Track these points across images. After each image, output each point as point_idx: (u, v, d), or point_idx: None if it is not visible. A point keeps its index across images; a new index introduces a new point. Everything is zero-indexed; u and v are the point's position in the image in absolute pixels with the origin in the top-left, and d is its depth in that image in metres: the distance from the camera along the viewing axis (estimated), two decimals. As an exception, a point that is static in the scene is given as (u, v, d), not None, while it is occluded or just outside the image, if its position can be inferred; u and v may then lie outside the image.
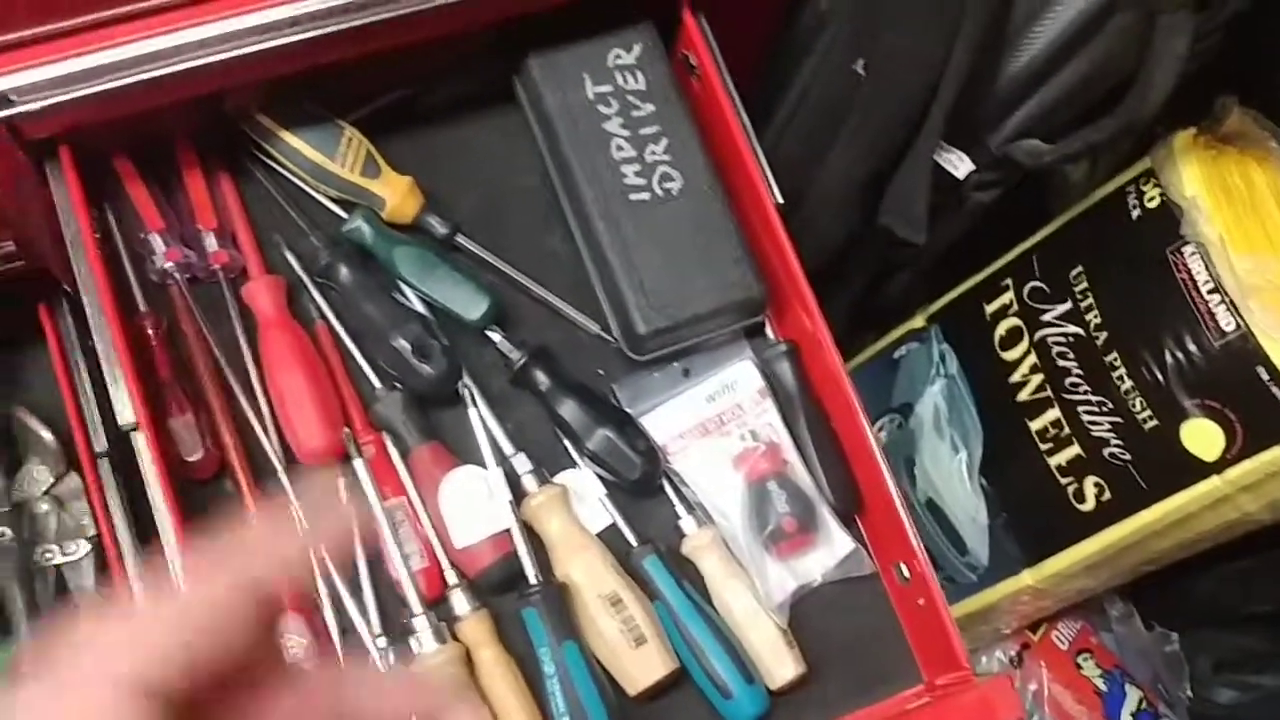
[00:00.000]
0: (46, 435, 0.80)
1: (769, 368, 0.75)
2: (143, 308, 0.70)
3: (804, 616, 0.71)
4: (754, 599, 0.70)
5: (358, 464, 0.68)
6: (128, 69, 0.61)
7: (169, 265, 0.70)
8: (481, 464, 0.70)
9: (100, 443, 0.79)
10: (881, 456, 0.70)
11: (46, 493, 0.79)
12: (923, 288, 1.06)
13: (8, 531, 0.74)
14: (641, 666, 0.67)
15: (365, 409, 0.71)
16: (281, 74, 0.66)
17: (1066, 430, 0.90)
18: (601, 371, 0.74)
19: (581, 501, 0.71)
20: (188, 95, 0.65)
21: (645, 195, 0.71)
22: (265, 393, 0.70)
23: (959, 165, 0.79)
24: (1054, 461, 0.92)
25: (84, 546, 0.77)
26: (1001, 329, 0.96)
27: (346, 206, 0.74)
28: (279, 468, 0.68)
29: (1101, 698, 1.10)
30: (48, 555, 0.77)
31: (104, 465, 0.79)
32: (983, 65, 0.75)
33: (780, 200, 0.73)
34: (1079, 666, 1.11)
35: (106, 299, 0.64)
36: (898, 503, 0.69)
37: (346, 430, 0.69)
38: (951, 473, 0.99)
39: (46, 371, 0.81)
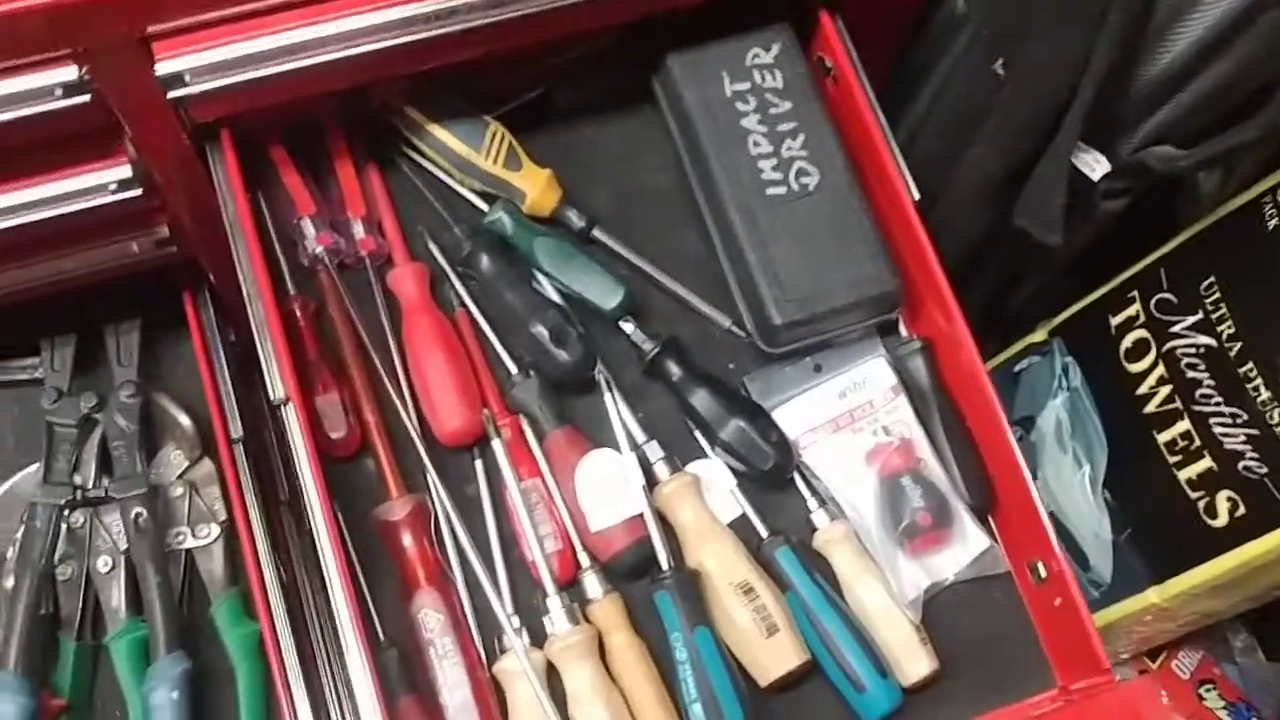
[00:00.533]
0: (184, 420, 0.81)
1: (902, 365, 0.74)
2: (292, 291, 0.72)
3: (935, 614, 0.70)
4: (887, 594, 0.69)
5: (496, 445, 0.69)
6: (291, 55, 0.63)
7: (319, 249, 0.71)
8: (616, 448, 0.70)
9: (236, 429, 0.80)
10: (1019, 452, 0.69)
11: (181, 477, 0.79)
12: (1043, 302, 1.04)
13: (144, 512, 0.75)
14: (774, 656, 0.66)
15: (502, 393, 0.72)
16: (426, 67, 0.68)
17: (1197, 443, 0.88)
18: (732, 365, 0.74)
19: (712, 492, 0.71)
20: (343, 84, 0.67)
21: (782, 190, 0.72)
22: (407, 375, 0.71)
23: (1095, 166, 0.78)
24: (1184, 475, 0.90)
25: (215, 530, 0.78)
26: (1128, 341, 0.94)
27: (487, 199, 0.76)
28: (419, 447, 0.69)
29: (1225, 730, 1.06)
30: (180, 538, 0.77)
31: (239, 451, 0.80)
32: (1122, 65, 0.74)
33: (917, 196, 0.73)
34: (1201, 698, 1.07)
35: (262, 277, 0.65)
36: (1036, 499, 0.68)
37: (486, 411, 0.69)
38: (1074, 486, 0.97)
39: (187, 359, 0.83)
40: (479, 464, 0.70)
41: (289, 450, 0.65)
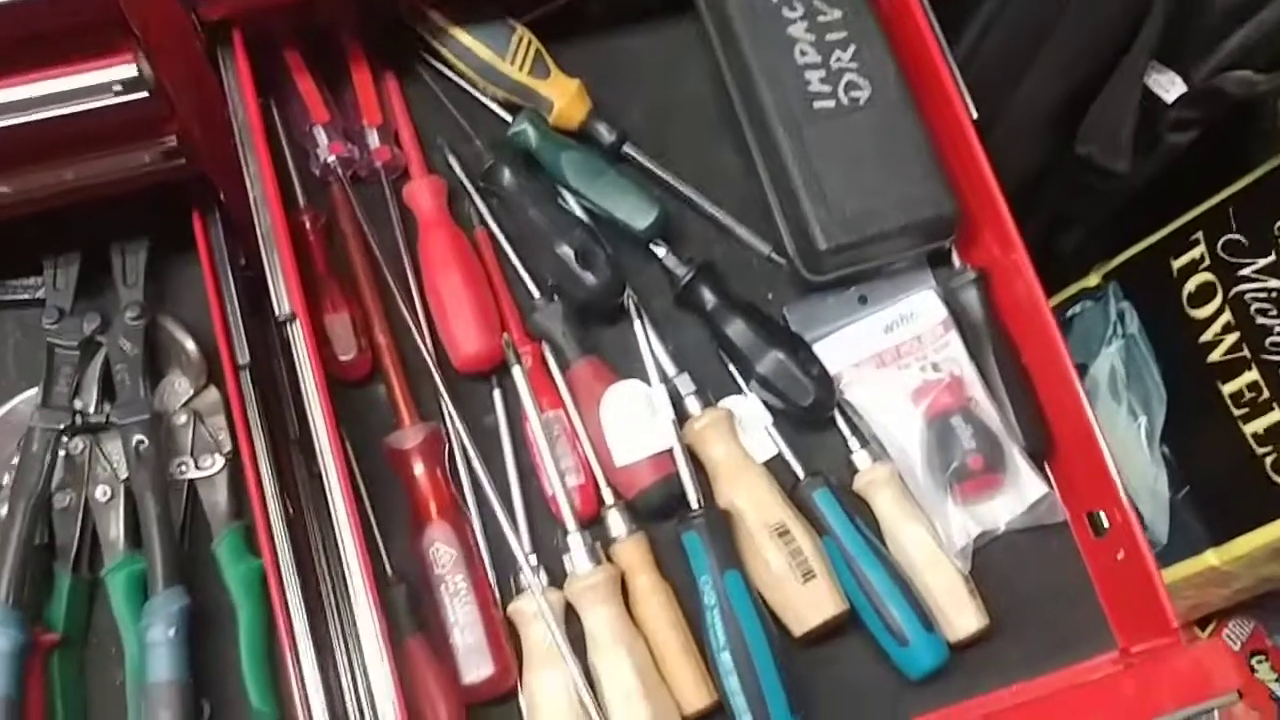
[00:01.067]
0: (190, 345, 0.78)
1: (954, 298, 0.70)
2: (302, 202, 0.69)
3: (985, 566, 0.66)
4: (933, 542, 0.64)
5: (516, 372, 0.65)
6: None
7: (332, 159, 0.67)
8: (645, 380, 0.66)
9: (243, 355, 0.76)
10: (1082, 391, 0.64)
11: (185, 405, 0.76)
12: (1098, 244, 0.99)
13: (146, 440, 0.72)
14: (810, 604, 0.62)
15: (523, 318, 0.68)
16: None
17: (1266, 394, 0.83)
18: (771, 295, 0.70)
19: (746, 429, 0.67)
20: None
21: (830, 103, 0.67)
22: (422, 296, 0.67)
23: (1170, 88, 0.73)
24: (1249, 429, 0.84)
25: (219, 462, 0.74)
26: (1191, 285, 0.89)
27: (511, 110, 0.72)
28: (434, 372, 0.65)
29: (1278, 704, 1.01)
30: (182, 468, 0.74)
31: (245, 379, 0.77)
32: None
33: (975, 115, 0.67)
34: (1253, 669, 1.02)
35: (270, 184, 0.61)
36: (1100, 442, 0.63)
37: (506, 336, 0.65)
38: (1129, 440, 0.92)
39: (195, 284, 0.79)
40: (497, 393, 0.67)
41: (298, 380, 0.61)
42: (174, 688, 0.63)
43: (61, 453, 0.71)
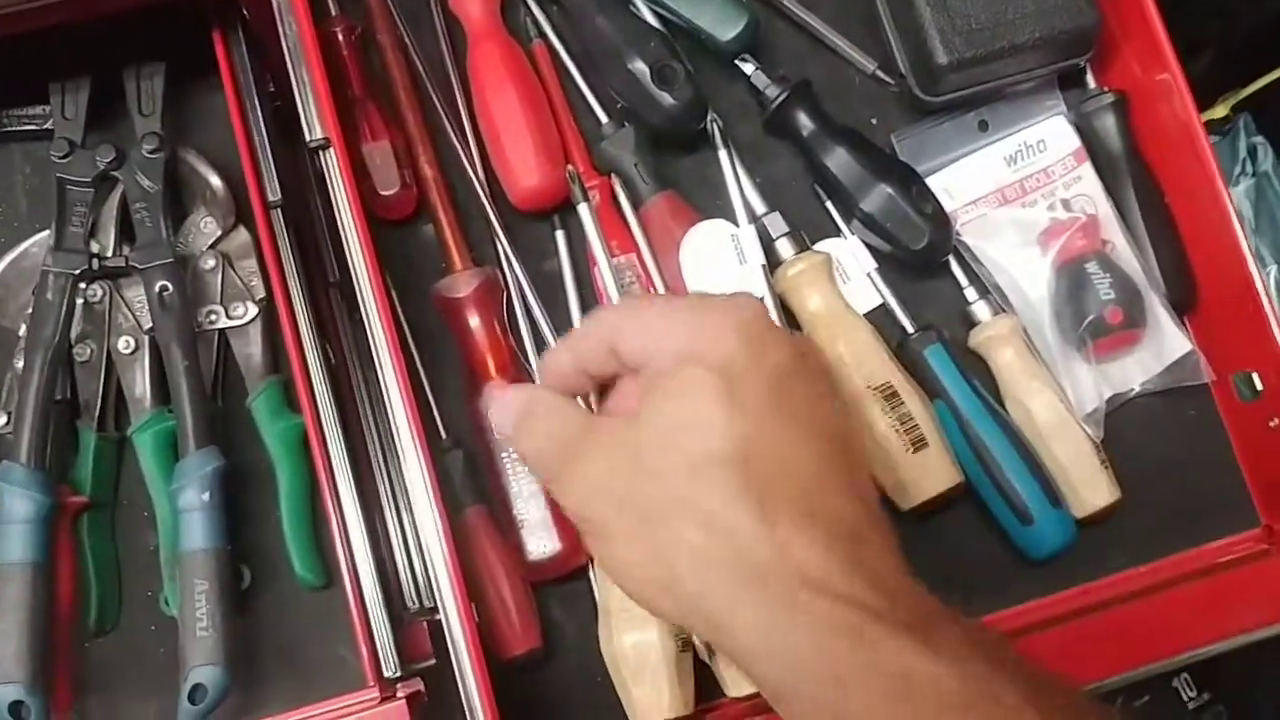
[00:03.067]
0: (215, 181, 0.72)
1: (1087, 124, 0.63)
2: (334, 11, 0.62)
3: (1114, 431, 0.60)
4: (1061, 405, 0.58)
5: (582, 210, 0.59)
6: None
7: (364, -44, 0.59)
8: (730, 219, 0.60)
9: (274, 191, 0.70)
10: (1241, 232, 0.56)
11: (212, 247, 0.71)
12: (1226, 72, 0.91)
13: (170, 286, 0.66)
14: (919, 476, 0.57)
15: (590, 147, 0.62)
16: None
17: None
18: (875, 120, 0.64)
19: (847, 277, 0.61)
20: None
21: (952, -111, 0.57)
22: (473, 121, 0.61)
23: None
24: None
25: (251, 309, 0.69)
26: (1335, 117, 0.80)
27: (574, -98, 0.63)
28: (489, 209, 0.59)
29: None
30: (211, 318, 0.69)
31: (276, 217, 0.70)
32: None
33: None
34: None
35: None
36: (1261, 292, 0.56)
37: (570, 168, 0.58)
38: (1260, 290, 0.84)
39: (218, 112, 0.73)
40: (560, 234, 0.62)
41: (335, 215, 0.56)
42: (210, 555, 0.59)
43: (79, 300, 0.67)
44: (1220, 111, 0.91)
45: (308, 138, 0.54)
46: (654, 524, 0.40)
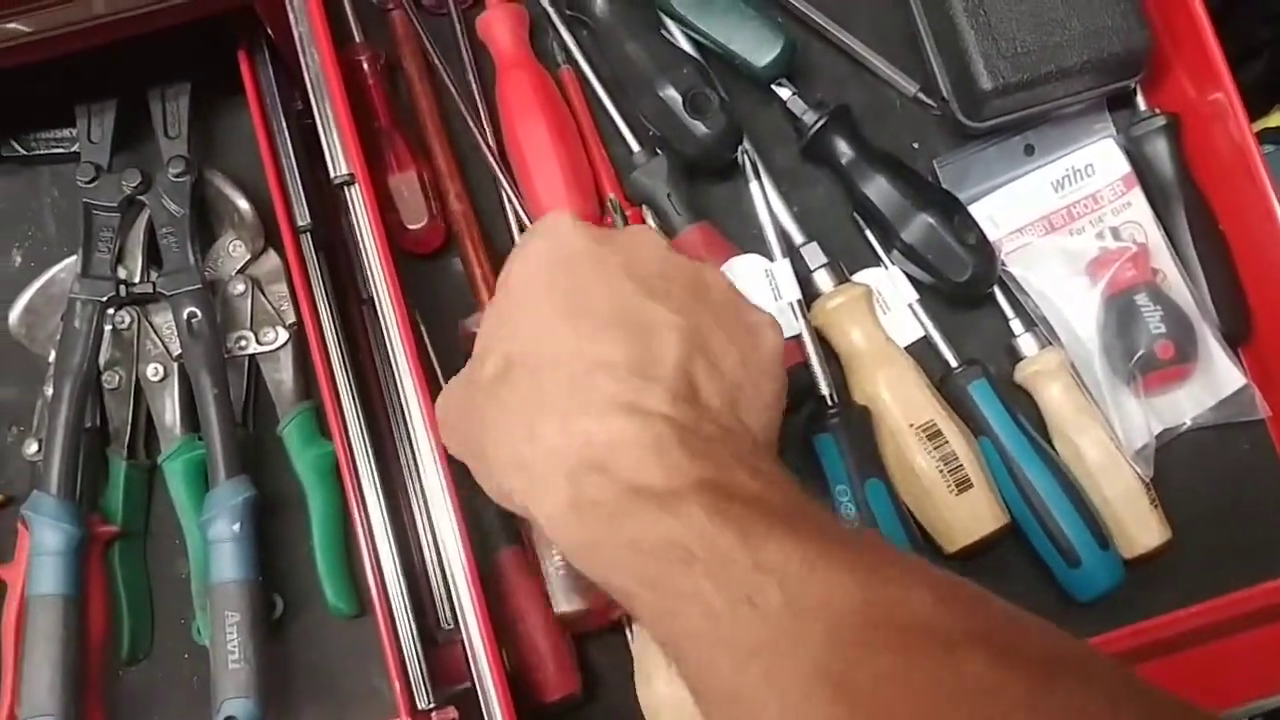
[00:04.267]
0: (243, 204, 0.71)
1: (1137, 147, 0.61)
2: (359, 38, 0.61)
3: (1166, 468, 0.59)
4: (1110, 443, 0.57)
5: None
6: None
7: (391, -17, 0.58)
8: (764, 254, 0.59)
9: (303, 215, 0.69)
10: None
11: (241, 271, 0.70)
12: None
13: (198, 312, 0.66)
14: (964, 517, 0.55)
15: (620, 177, 0.61)
16: None
17: None
18: (917, 144, 0.63)
19: (888, 309, 0.60)
20: None
21: (998, -91, 0.56)
22: (501, 151, 0.60)
23: None
24: None
25: (282, 335, 0.69)
26: (1404, 126, 0.76)
27: (605, -76, 0.62)
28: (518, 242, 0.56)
29: None
30: (242, 343, 0.69)
31: (306, 242, 0.69)
32: None
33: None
34: None
35: (318, 14, 0.52)
36: None
37: (612, 198, 0.58)
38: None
39: (246, 133, 0.73)
40: None
41: (361, 250, 0.56)
42: (241, 586, 0.59)
43: (107, 327, 0.66)
44: (1276, 120, 0.87)
45: (332, 173, 0.54)
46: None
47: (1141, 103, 0.61)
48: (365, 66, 0.61)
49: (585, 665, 0.56)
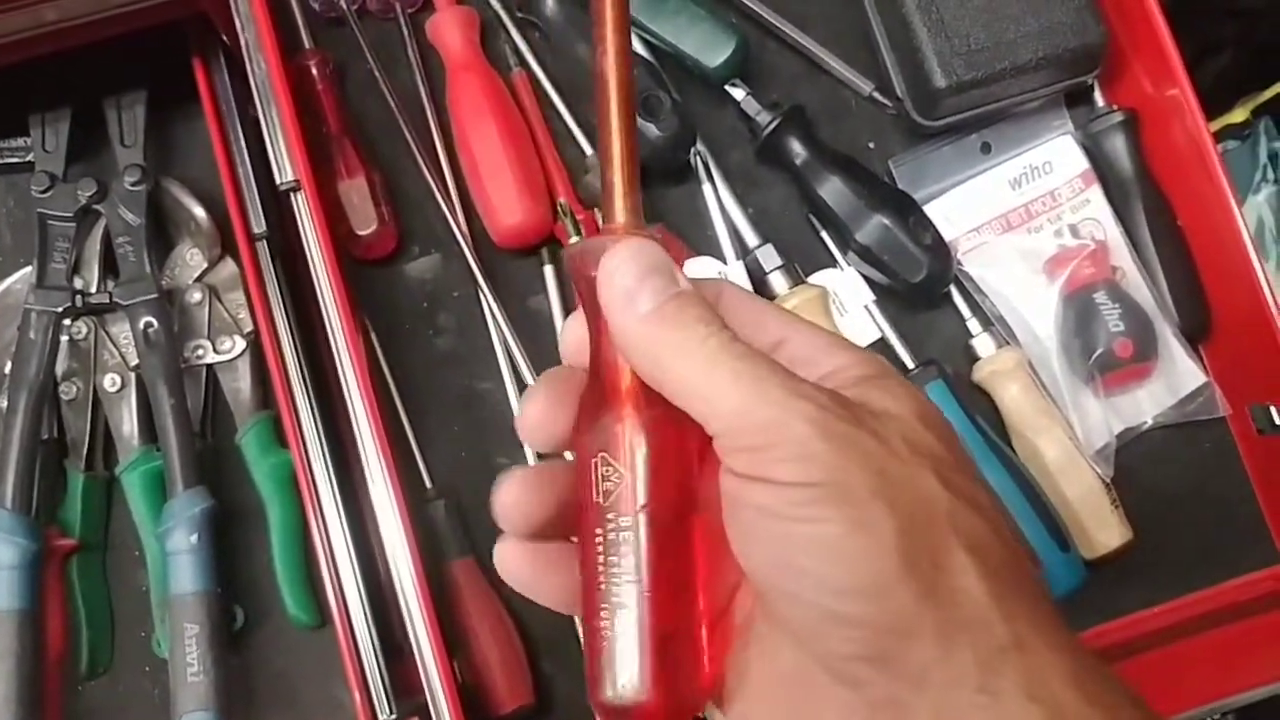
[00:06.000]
0: (199, 212, 0.70)
1: (1096, 144, 0.61)
2: (308, 44, 0.61)
3: (1127, 467, 0.58)
4: (1069, 443, 0.57)
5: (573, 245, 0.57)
6: None
7: (334, -14, 0.57)
8: (718, 256, 0.59)
9: (259, 223, 0.68)
10: (1257, 258, 0.53)
11: (199, 280, 0.70)
12: (1243, 74, 0.87)
13: (155, 322, 0.65)
14: None
15: (573, 180, 0.60)
16: None
17: None
18: (872, 144, 0.62)
19: (843, 311, 0.60)
20: None
21: (950, -95, 0.55)
22: (451, 156, 0.60)
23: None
24: None
25: (240, 344, 0.68)
26: (1362, 121, 0.77)
27: (553, -74, 0.61)
28: (465, 249, 0.57)
29: None
30: (199, 353, 0.68)
31: (262, 250, 0.69)
32: None
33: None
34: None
35: (264, 20, 0.52)
36: (1279, 320, 0.53)
37: (563, 202, 0.57)
38: None
39: (201, 140, 0.72)
40: (549, 269, 0.60)
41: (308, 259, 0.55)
42: (199, 598, 0.58)
43: (64, 338, 0.66)
44: (1239, 116, 0.87)
45: (278, 179, 0.53)
46: None
47: (1099, 99, 0.61)
48: (314, 71, 0.60)
49: (537, 675, 0.56)
